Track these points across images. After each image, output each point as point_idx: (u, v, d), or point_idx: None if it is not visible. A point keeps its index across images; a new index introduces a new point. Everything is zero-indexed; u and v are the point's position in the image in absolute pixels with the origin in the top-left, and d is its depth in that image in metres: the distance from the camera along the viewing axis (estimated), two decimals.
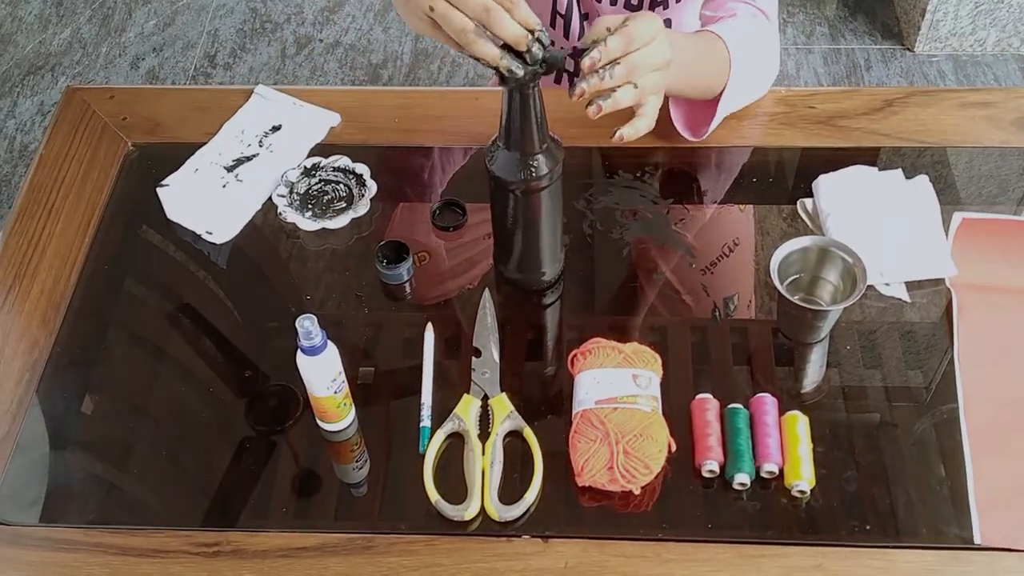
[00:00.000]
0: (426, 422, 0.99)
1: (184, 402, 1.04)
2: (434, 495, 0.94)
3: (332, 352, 0.93)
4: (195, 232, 1.17)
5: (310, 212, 1.18)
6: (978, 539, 0.91)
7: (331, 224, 1.16)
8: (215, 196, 1.19)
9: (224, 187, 1.20)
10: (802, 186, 1.18)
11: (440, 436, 0.98)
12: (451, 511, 0.93)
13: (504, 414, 0.99)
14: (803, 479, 0.94)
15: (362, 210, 1.17)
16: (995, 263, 1.11)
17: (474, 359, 1.04)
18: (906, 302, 1.09)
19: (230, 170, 1.21)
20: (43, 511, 0.96)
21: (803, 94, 1.28)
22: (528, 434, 0.98)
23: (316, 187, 1.20)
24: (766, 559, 0.91)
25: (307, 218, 1.17)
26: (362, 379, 1.04)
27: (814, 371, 1.05)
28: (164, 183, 1.20)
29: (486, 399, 1.01)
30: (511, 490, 0.95)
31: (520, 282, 1.10)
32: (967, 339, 1.05)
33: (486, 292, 1.09)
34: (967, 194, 1.19)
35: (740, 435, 0.96)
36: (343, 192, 1.19)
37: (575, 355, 1.01)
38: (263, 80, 2.53)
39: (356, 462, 1.00)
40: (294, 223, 1.16)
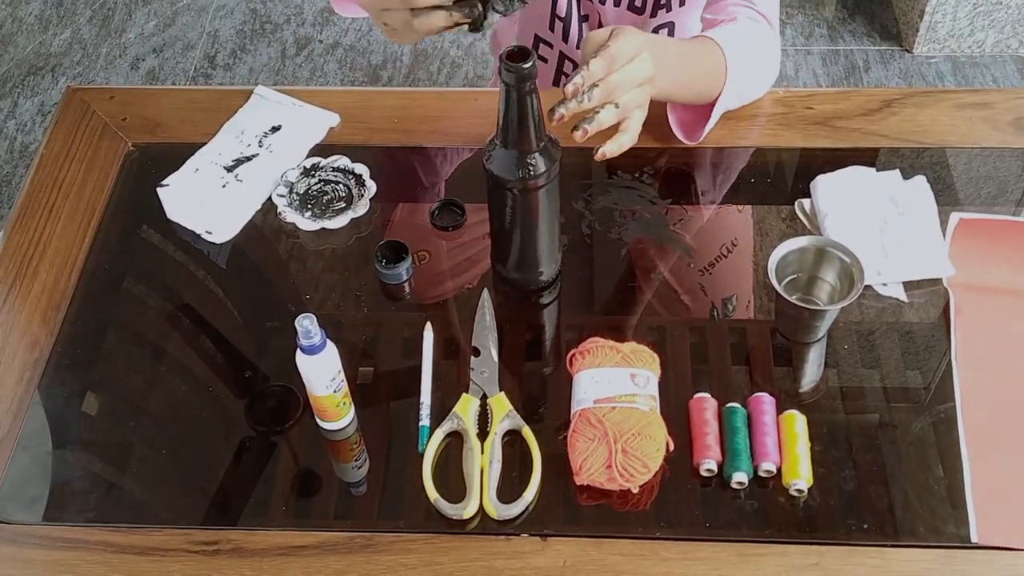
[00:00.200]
0: (425, 421, 1.00)
1: (184, 401, 1.05)
2: (433, 494, 0.94)
3: (331, 351, 0.93)
4: (195, 232, 1.17)
5: (310, 212, 1.18)
6: (975, 538, 0.92)
7: (330, 224, 1.16)
8: (215, 196, 1.19)
9: (224, 187, 1.20)
10: (800, 186, 1.18)
11: (439, 435, 0.98)
12: (450, 510, 0.93)
13: (503, 413, 0.99)
14: (801, 478, 0.94)
15: (361, 210, 1.17)
16: (992, 263, 1.11)
17: (473, 358, 1.04)
18: (904, 302, 1.09)
19: (230, 170, 1.22)
20: (44, 509, 0.97)
21: (801, 95, 1.28)
22: (527, 433, 0.98)
23: (316, 187, 1.20)
24: (764, 558, 0.91)
25: (307, 218, 1.17)
26: (361, 378, 1.04)
27: (812, 371, 1.05)
28: (164, 183, 1.20)
29: (485, 398, 1.01)
30: (510, 489, 0.95)
31: (518, 282, 1.10)
32: (964, 339, 1.05)
33: (485, 292, 1.09)
34: (965, 195, 1.19)
35: (738, 434, 0.97)
36: (342, 192, 1.20)
37: (574, 354, 1.01)
38: (263, 81, 2.53)
39: (355, 461, 1.00)
40: (294, 223, 1.17)
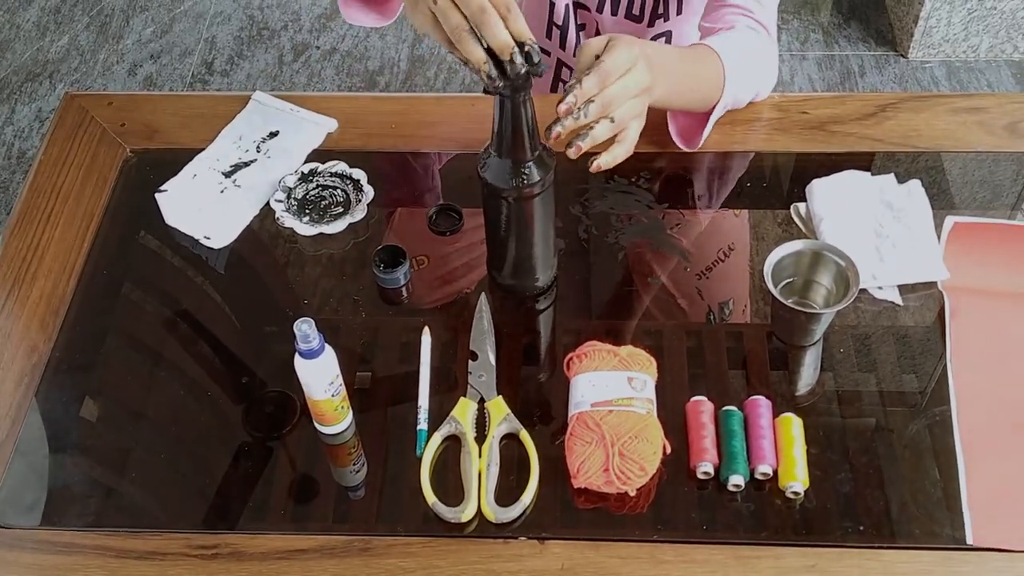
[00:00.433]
0: (423, 425, 1.00)
1: (183, 405, 1.05)
2: (431, 497, 0.95)
3: (329, 355, 0.94)
4: (193, 237, 1.17)
5: (307, 217, 1.18)
6: (970, 540, 0.92)
7: (328, 229, 1.17)
8: (213, 202, 1.19)
9: (222, 193, 1.20)
10: (796, 191, 1.19)
11: (437, 439, 0.99)
12: (448, 513, 0.94)
13: (500, 417, 1.00)
14: (797, 481, 0.94)
15: (359, 215, 1.18)
16: (986, 267, 1.12)
17: (471, 362, 1.04)
18: (899, 305, 1.10)
19: (228, 176, 1.22)
20: (42, 514, 0.97)
21: (797, 100, 1.29)
22: (524, 437, 0.98)
23: (313, 192, 1.21)
24: (760, 560, 0.92)
25: (304, 223, 1.17)
26: (359, 383, 1.05)
27: (808, 374, 1.05)
28: (162, 189, 1.20)
29: (483, 402, 1.01)
30: (507, 492, 0.95)
31: (513, 288, 1.10)
32: (959, 342, 1.06)
33: (482, 296, 1.09)
34: (959, 198, 1.20)
35: (735, 437, 0.97)
36: (340, 197, 1.20)
37: (571, 358, 1.02)
38: (260, 87, 2.54)
39: (354, 465, 1.01)
40: (292, 228, 1.17)
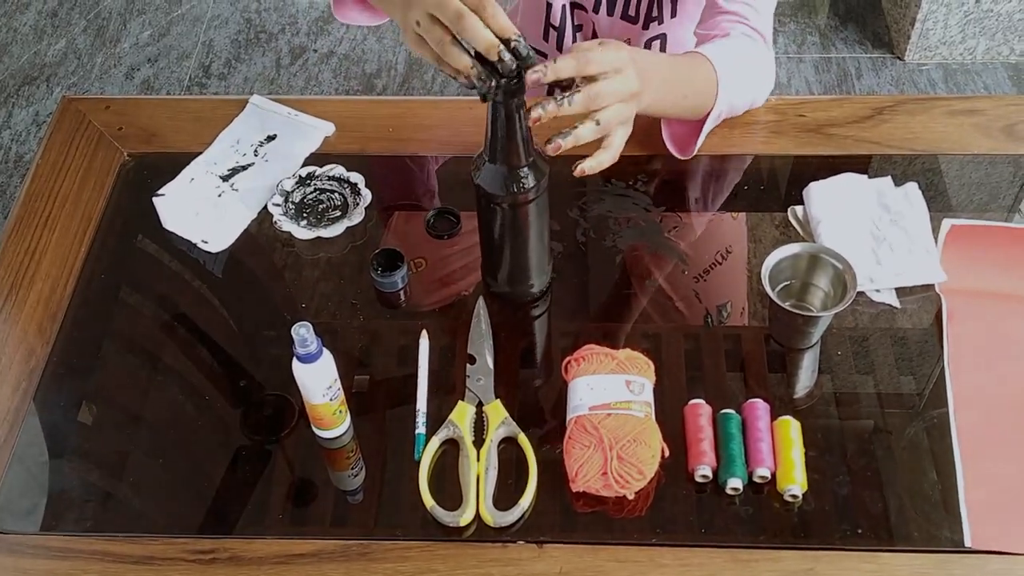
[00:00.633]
0: (421, 429, 1.00)
1: (180, 410, 1.05)
2: (429, 501, 0.95)
3: (327, 359, 0.94)
4: (191, 241, 1.17)
5: (305, 221, 1.18)
6: (968, 542, 0.92)
7: (326, 233, 1.17)
8: (211, 206, 1.19)
9: (219, 196, 1.20)
10: (793, 193, 1.19)
11: (435, 443, 0.99)
12: (446, 517, 0.94)
13: (498, 421, 1.00)
14: (795, 483, 0.94)
15: (357, 219, 1.18)
16: (984, 269, 1.12)
17: (468, 366, 1.04)
18: (896, 308, 1.10)
19: (225, 179, 1.22)
20: (40, 519, 0.97)
21: (794, 102, 1.29)
22: (522, 440, 0.98)
23: (311, 196, 1.21)
24: (759, 563, 0.92)
25: (302, 227, 1.17)
26: (357, 386, 1.05)
27: (806, 376, 1.05)
28: (160, 193, 1.20)
29: (481, 406, 1.01)
30: (506, 496, 0.95)
31: (508, 295, 1.10)
32: (957, 344, 1.06)
33: (480, 299, 1.09)
34: (956, 201, 1.20)
35: (733, 440, 0.97)
36: (338, 201, 1.20)
37: (569, 362, 1.02)
38: (258, 90, 2.54)
39: (352, 469, 1.00)
40: (289, 232, 1.17)
